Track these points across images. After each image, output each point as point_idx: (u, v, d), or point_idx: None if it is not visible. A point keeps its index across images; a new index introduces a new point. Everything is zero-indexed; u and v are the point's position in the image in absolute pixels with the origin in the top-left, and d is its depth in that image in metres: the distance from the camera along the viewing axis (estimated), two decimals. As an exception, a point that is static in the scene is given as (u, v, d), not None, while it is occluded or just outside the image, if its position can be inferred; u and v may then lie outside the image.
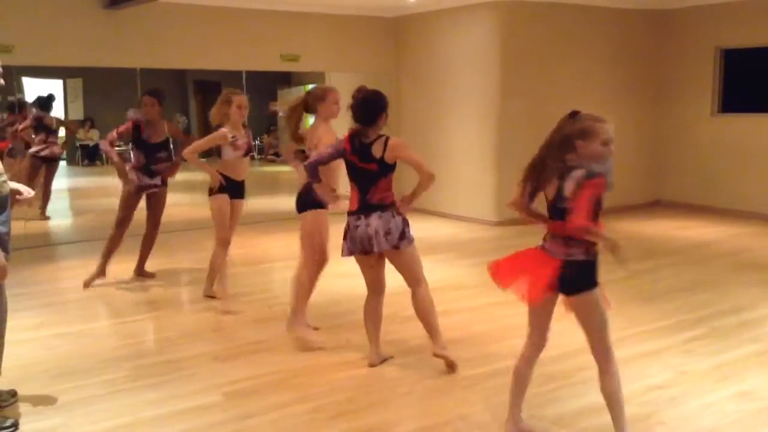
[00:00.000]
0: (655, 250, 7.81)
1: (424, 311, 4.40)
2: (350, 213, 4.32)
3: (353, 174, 4.33)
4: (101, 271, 6.43)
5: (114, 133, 6.31)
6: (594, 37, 9.88)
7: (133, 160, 6.47)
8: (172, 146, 6.58)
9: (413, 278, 4.40)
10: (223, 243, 5.71)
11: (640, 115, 10.53)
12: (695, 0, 9.89)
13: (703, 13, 10.01)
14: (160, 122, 6.39)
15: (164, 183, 6.54)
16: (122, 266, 6.95)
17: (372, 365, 4.39)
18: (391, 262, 4.36)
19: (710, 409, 3.79)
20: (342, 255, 4.35)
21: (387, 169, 4.32)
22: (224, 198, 5.65)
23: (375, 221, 4.20)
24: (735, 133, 9.87)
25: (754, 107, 9.69)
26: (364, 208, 4.26)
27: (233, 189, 5.70)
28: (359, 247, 4.25)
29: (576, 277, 3.19)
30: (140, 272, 6.70)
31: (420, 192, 4.31)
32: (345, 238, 4.32)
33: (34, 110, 9.83)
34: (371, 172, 4.27)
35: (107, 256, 6.42)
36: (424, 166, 4.29)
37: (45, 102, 9.84)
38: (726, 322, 5.23)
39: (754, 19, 9.47)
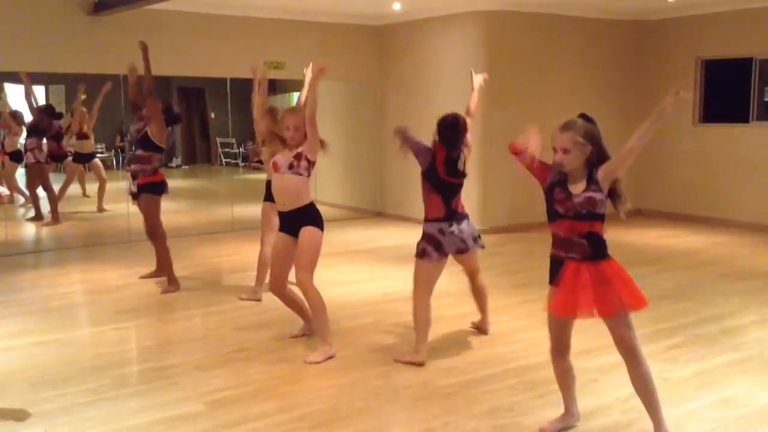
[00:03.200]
0: (637, 258, 7.86)
1: (482, 293, 5.20)
2: (436, 220, 4.74)
3: (437, 185, 4.78)
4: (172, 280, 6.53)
5: None
6: (577, 47, 9.97)
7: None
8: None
9: (478, 269, 5.11)
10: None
11: (622, 124, 10.59)
12: (676, 11, 10.00)
13: (683, 25, 10.13)
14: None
15: (142, 189, 6.45)
16: (106, 274, 6.91)
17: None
18: (464, 261, 4.97)
19: (692, 416, 3.82)
20: (430, 259, 4.66)
21: (463, 181, 4.89)
22: (271, 204, 5.76)
23: (465, 227, 4.79)
24: (716, 142, 9.97)
25: (735, 117, 9.81)
26: (451, 215, 4.76)
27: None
28: (454, 249, 4.73)
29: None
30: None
31: None
32: (430, 243, 4.67)
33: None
34: (455, 185, 4.82)
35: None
36: None
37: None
38: (707, 330, 5.27)
39: (734, 31, 9.59)
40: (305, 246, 4.72)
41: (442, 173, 4.76)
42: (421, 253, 4.68)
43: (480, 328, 5.27)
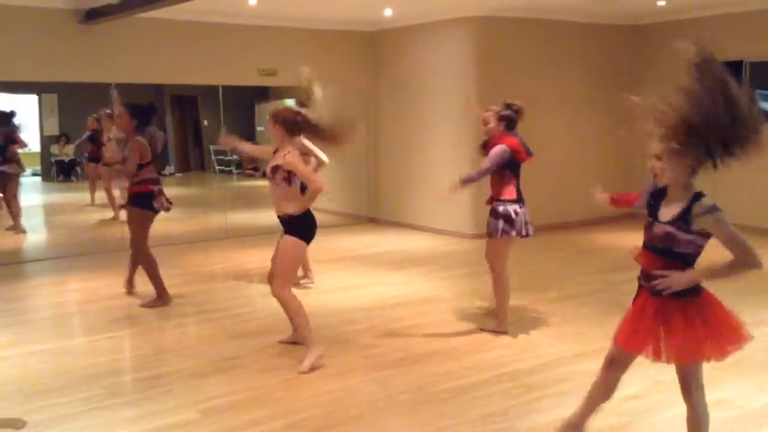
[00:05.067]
0: (631, 261, 7.81)
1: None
2: (512, 201, 5.12)
3: (516, 169, 5.23)
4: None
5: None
6: (569, 51, 10.00)
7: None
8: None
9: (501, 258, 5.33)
10: None
11: (614, 127, 10.64)
12: (668, 15, 10.04)
13: (674, 28, 10.16)
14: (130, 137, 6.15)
15: (131, 202, 6.21)
16: (99, 282, 6.89)
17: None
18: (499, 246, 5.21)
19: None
20: (499, 236, 5.06)
21: None
22: None
23: (526, 210, 5.18)
24: (708, 145, 9.99)
25: (726, 120, 9.83)
26: (521, 198, 5.19)
27: None
28: (518, 230, 5.08)
29: None
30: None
31: None
32: (507, 221, 4.99)
33: None
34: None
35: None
36: None
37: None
38: (701, 332, 5.27)
39: (723, 34, 9.61)
40: (280, 255, 4.72)
41: (524, 155, 5.25)
42: (501, 232, 4.99)
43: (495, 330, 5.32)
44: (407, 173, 10.24)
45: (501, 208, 5.10)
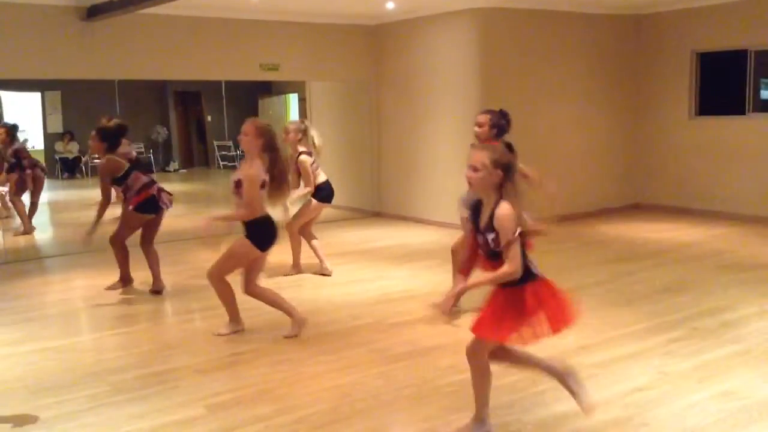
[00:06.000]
0: (636, 252, 7.87)
1: None
2: None
3: None
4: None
5: None
6: (572, 42, 9.96)
7: None
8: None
9: None
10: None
11: (619, 119, 10.62)
12: (670, 5, 10.00)
13: (678, 18, 10.12)
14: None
15: (139, 210, 6.41)
16: (104, 280, 6.90)
17: None
18: None
19: (692, 409, 3.82)
20: None
21: None
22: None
23: None
24: (712, 135, 9.97)
25: (730, 109, 9.80)
26: None
27: None
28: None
29: None
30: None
31: None
32: None
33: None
34: None
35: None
36: None
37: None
38: (707, 323, 5.27)
39: (728, 23, 9.59)
40: (228, 248, 5.09)
41: None
42: None
43: None
44: (411, 167, 10.23)
45: None
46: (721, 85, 10.09)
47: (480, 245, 3.32)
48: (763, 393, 4.00)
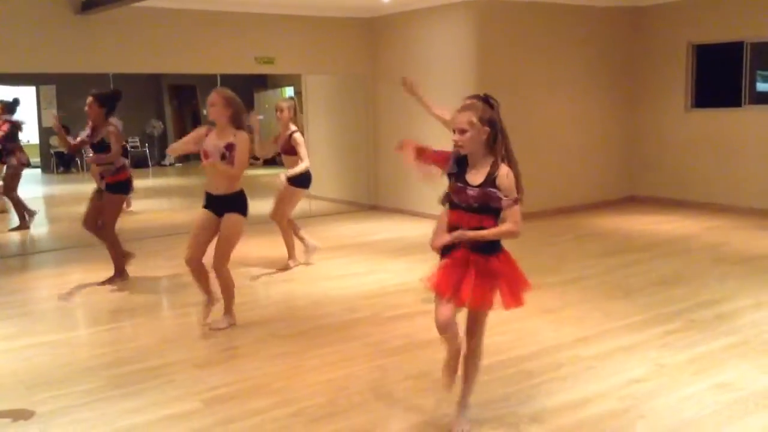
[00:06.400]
0: (632, 245, 7.88)
1: None
2: None
3: None
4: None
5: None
6: (569, 35, 9.95)
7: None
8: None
9: None
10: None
11: (615, 111, 10.62)
12: (666, -4, 10.00)
13: (674, 10, 10.11)
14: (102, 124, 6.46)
15: (114, 190, 6.53)
16: (99, 274, 6.88)
17: None
18: None
19: (689, 401, 3.82)
20: None
21: None
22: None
23: None
24: (708, 127, 9.97)
25: (726, 102, 9.80)
26: None
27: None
28: None
29: None
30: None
31: None
32: None
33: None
34: None
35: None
36: None
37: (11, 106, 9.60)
38: (703, 315, 5.28)
39: (724, 15, 9.58)
40: (229, 233, 5.06)
41: None
42: None
43: None
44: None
45: None
46: (717, 77, 10.09)
47: (466, 198, 3.27)
48: (759, 384, 4.01)
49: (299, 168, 6.78)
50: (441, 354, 4.60)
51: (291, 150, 6.84)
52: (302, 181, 6.92)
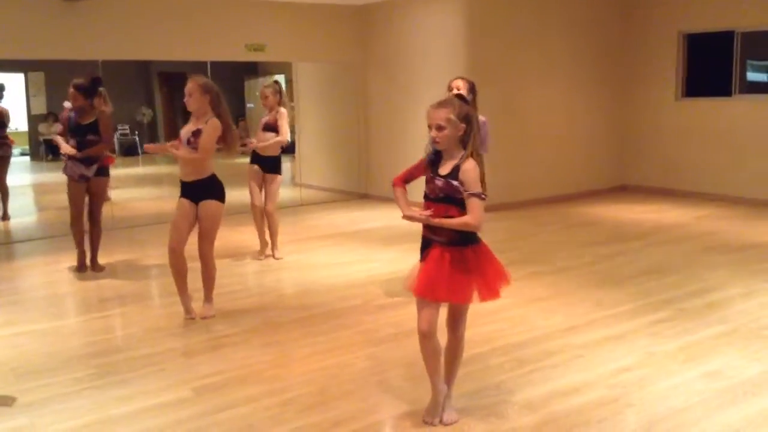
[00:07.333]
0: (622, 233, 7.90)
1: None
2: None
3: None
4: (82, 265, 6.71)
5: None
6: (559, 24, 9.93)
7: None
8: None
9: None
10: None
11: (605, 100, 10.62)
12: (658, -15, 9.99)
13: (665, -1, 10.12)
14: (90, 110, 6.48)
15: (103, 174, 6.58)
16: (88, 262, 6.85)
17: None
18: None
19: (678, 389, 3.84)
20: None
21: None
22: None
23: None
24: (699, 116, 10.00)
25: (717, 91, 9.82)
26: None
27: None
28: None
29: None
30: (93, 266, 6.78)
31: None
32: None
33: None
34: None
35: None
36: None
37: None
38: (693, 304, 5.30)
39: (714, 4, 9.58)
40: (209, 220, 5.13)
41: None
42: None
43: None
44: (398, 148, 10.19)
45: None
46: (708, 66, 10.10)
47: (433, 188, 3.37)
48: (748, 373, 4.04)
49: (276, 139, 6.77)
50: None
51: (275, 127, 6.80)
52: (281, 167, 6.99)
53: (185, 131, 5.09)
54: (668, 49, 10.13)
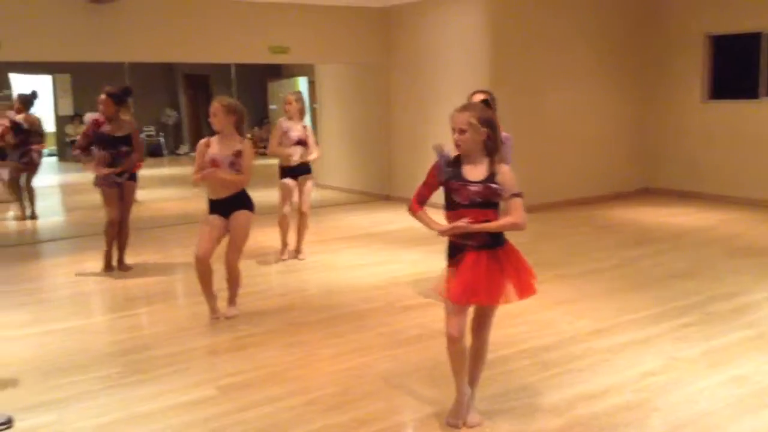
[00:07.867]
0: (646, 237, 7.84)
1: None
2: None
3: None
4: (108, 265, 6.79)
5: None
6: (583, 25, 9.88)
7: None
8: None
9: None
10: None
11: (630, 103, 10.54)
12: (684, -13, 9.90)
13: (690, 0, 10.02)
14: (120, 119, 6.60)
15: (133, 177, 6.75)
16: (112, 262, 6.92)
17: None
18: None
19: (703, 394, 3.81)
20: None
21: None
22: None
23: None
24: (724, 119, 9.89)
25: (743, 93, 9.71)
26: None
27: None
28: None
29: None
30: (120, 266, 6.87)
31: None
32: None
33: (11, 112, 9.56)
34: None
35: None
36: None
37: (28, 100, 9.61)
38: (719, 308, 5.25)
39: (741, 6, 9.48)
40: (241, 229, 5.20)
41: None
42: None
43: None
44: (421, 150, 10.18)
45: None
46: (734, 68, 9.99)
47: (468, 194, 3.33)
48: (775, 378, 3.99)
49: (316, 155, 6.96)
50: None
51: (306, 142, 6.90)
52: (311, 168, 7.10)
53: (221, 155, 5.10)
54: (694, 51, 10.04)
